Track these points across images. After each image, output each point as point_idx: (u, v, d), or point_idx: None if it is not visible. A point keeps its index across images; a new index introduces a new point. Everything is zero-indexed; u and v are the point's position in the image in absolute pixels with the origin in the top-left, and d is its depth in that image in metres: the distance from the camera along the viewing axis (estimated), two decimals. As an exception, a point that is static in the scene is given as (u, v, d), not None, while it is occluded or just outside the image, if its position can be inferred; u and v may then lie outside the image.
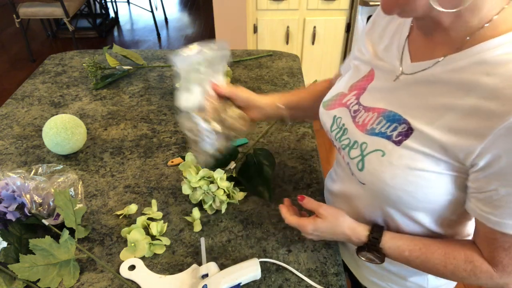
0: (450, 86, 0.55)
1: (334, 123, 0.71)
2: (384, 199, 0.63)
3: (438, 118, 0.55)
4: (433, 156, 0.55)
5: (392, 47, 0.66)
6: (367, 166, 0.62)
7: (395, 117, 0.60)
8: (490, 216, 0.54)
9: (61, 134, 0.99)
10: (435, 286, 0.79)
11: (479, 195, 0.55)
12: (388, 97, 0.63)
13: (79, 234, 0.81)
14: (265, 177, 0.92)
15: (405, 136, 0.58)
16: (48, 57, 1.55)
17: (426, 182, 0.57)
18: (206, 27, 4.30)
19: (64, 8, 3.21)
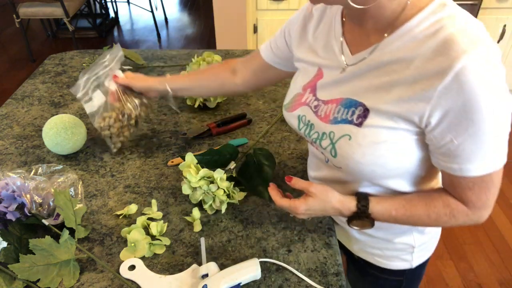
0: (390, 66, 0.62)
1: (300, 122, 0.77)
2: (361, 176, 0.70)
3: (388, 93, 0.62)
4: (392, 127, 0.62)
5: (330, 44, 0.72)
6: (339, 152, 0.68)
7: (351, 102, 0.67)
8: (453, 165, 0.61)
9: (61, 134, 0.99)
10: (421, 242, 0.84)
11: (439, 150, 0.62)
12: (340, 88, 0.70)
13: (79, 234, 0.81)
14: (265, 177, 0.92)
15: (364, 117, 0.65)
16: (48, 57, 1.55)
17: (393, 151, 0.64)
18: (206, 27, 4.30)
19: (64, 8, 3.21)
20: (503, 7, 2.47)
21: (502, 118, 0.57)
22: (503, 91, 0.56)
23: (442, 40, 0.56)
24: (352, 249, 0.92)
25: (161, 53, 1.56)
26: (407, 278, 0.90)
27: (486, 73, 0.54)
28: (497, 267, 1.86)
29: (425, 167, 0.68)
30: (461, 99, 0.55)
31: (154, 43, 4.05)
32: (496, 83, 0.55)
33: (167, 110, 1.22)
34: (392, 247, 0.85)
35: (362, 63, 0.66)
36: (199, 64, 1.19)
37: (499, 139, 0.59)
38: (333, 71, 0.71)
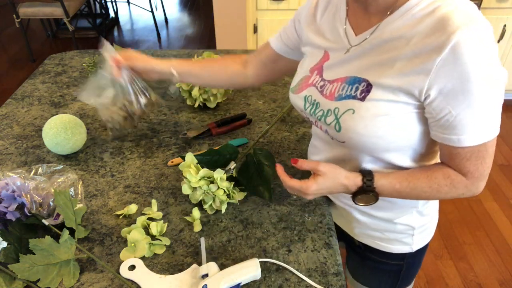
0: (392, 43, 0.66)
1: (306, 102, 0.80)
2: (363, 149, 0.73)
3: (389, 68, 0.66)
4: (393, 101, 0.66)
5: (336, 27, 0.76)
6: (343, 125, 0.72)
7: (356, 79, 0.71)
8: (451, 136, 0.65)
9: (61, 134, 0.99)
10: (421, 224, 0.87)
11: (438, 122, 0.65)
12: (345, 67, 0.74)
13: (79, 234, 0.81)
14: (265, 177, 0.92)
15: (367, 92, 0.69)
16: (48, 57, 1.55)
17: (393, 124, 0.68)
18: (206, 27, 4.30)
19: (64, 8, 3.21)
20: (503, 7, 2.47)
21: (495, 90, 0.62)
22: (495, 64, 0.61)
23: (439, 17, 0.60)
24: (353, 233, 0.93)
25: (161, 53, 1.56)
26: (407, 263, 0.93)
27: (480, 47, 0.58)
28: (497, 267, 1.86)
29: (424, 143, 0.72)
30: (458, 70, 0.59)
31: (154, 43, 4.05)
32: (489, 56, 0.59)
33: (167, 110, 1.23)
34: (392, 229, 0.86)
35: (365, 42, 0.70)
36: (199, 64, 1.19)
37: (493, 110, 0.63)
38: (338, 52, 0.75)
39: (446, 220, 2.09)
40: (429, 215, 0.88)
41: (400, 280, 0.96)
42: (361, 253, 0.96)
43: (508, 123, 2.75)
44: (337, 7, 0.77)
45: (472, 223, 2.08)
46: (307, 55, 0.84)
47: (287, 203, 0.90)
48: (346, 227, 0.95)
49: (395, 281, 0.97)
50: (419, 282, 1.80)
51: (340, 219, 0.95)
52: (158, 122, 1.18)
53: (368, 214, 0.86)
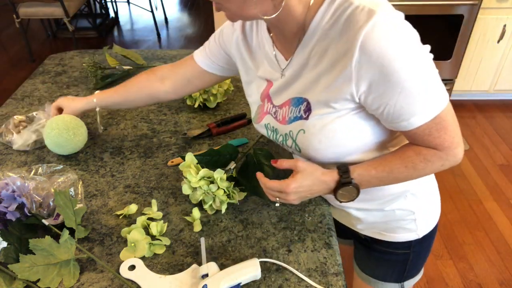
0: (313, 59, 0.69)
1: (267, 130, 0.84)
2: (327, 159, 0.75)
3: (317, 84, 0.69)
4: (333, 111, 0.69)
5: (268, 54, 0.79)
6: (301, 146, 0.76)
7: (298, 100, 0.74)
8: (401, 123, 0.66)
9: (63, 134, 0.99)
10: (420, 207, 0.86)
11: (382, 116, 0.67)
12: (287, 90, 0.77)
13: (79, 234, 0.81)
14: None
15: (309, 110, 0.72)
16: (48, 57, 1.55)
17: (342, 129, 0.70)
18: (206, 27, 4.30)
19: (64, 8, 3.21)
20: (503, 7, 2.47)
21: (423, 67, 0.62)
22: (409, 42, 0.61)
23: (343, 23, 0.63)
24: (357, 229, 0.93)
25: (161, 53, 1.56)
26: (414, 251, 0.92)
27: (386, 35, 0.59)
28: (497, 267, 1.86)
29: (381, 132, 0.73)
30: (375, 66, 0.61)
31: (154, 43, 4.05)
32: (399, 39, 0.60)
33: (167, 110, 1.23)
34: (392, 216, 0.86)
35: (294, 65, 0.73)
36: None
37: (429, 84, 0.63)
38: (277, 78, 0.78)
39: (446, 220, 2.09)
40: (427, 196, 0.88)
41: (407, 269, 0.96)
42: (368, 245, 0.96)
43: (508, 123, 2.75)
44: (262, 36, 0.80)
45: (472, 223, 2.08)
46: (253, 84, 0.86)
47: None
48: (349, 224, 0.95)
49: (402, 271, 0.96)
50: (419, 282, 1.80)
51: (341, 218, 0.95)
52: (158, 122, 1.18)
53: (362, 209, 0.87)
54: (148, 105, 1.19)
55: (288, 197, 0.75)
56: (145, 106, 1.21)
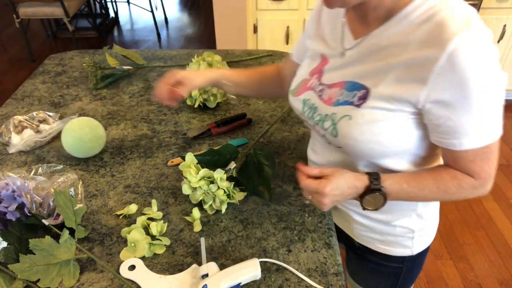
0: (388, 49, 0.66)
1: (305, 106, 0.80)
2: (361, 154, 0.73)
3: (385, 76, 0.66)
4: (389, 108, 0.66)
5: (336, 31, 0.77)
6: (340, 131, 0.72)
7: (354, 85, 0.70)
8: (453, 141, 0.65)
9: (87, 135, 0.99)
10: (421, 227, 0.86)
11: (438, 128, 0.65)
12: (342, 72, 0.74)
13: (79, 234, 0.81)
14: (265, 177, 0.92)
15: (364, 99, 0.68)
16: (48, 57, 1.55)
17: (390, 130, 0.67)
18: (206, 27, 4.30)
19: (64, 8, 3.21)
20: (503, 7, 2.47)
21: (495, 94, 0.61)
22: (494, 69, 0.60)
23: (435, 24, 0.60)
24: (353, 234, 0.93)
25: (161, 53, 1.56)
26: (407, 266, 0.92)
27: (477, 53, 0.58)
28: (497, 267, 1.86)
29: (424, 146, 0.72)
30: (456, 78, 0.59)
31: (154, 43, 4.05)
32: (487, 61, 0.59)
33: (167, 110, 1.23)
34: (392, 232, 0.86)
35: (362, 47, 0.70)
36: (199, 64, 1.19)
37: (494, 113, 0.63)
38: (336, 56, 0.76)
39: (446, 220, 2.09)
40: (429, 218, 0.87)
41: (400, 283, 0.96)
42: (361, 254, 0.96)
43: (508, 123, 2.75)
44: (339, 10, 0.77)
45: (472, 223, 2.08)
46: (307, 58, 0.85)
47: (287, 203, 0.90)
48: (346, 229, 0.95)
49: (395, 284, 0.96)
50: (419, 282, 1.80)
51: (340, 220, 0.95)
52: (158, 122, 1.18)
53: (367, 216, 0.86)
54: (269, 97, 1.16)
55: (323, 198, 0.71)
56: (264, 96, 1.19)
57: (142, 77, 1.40)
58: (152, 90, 1.32)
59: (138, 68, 1.43)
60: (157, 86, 0.89)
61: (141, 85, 1.35)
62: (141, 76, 1.41)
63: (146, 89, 1.33)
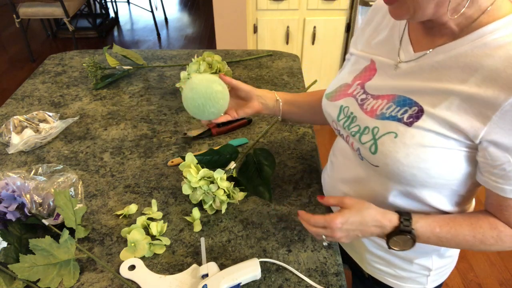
0: (453, 71, 0.59)
1: (341, 113, 0.73)
2: (399, 178, 0.65)
3: (444, 99, 0.59)
4: (443, 134, 0.59)
5: (392, 39, 0.70)
6: (381, 148, 0.64)
7: (406, 101, 0.63)
8: (505, 186, 0.58)
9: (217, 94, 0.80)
10: (439, 266, 0.82)
11: (492, 169, 0.58)
12: (393, 84, 0.66)
13: (79, 234, 0.81)
14: (265, 177, 0.92)
15: (416, 118, 0.61)
16: (48, 57, 1.55)
17: (439, 158, 0.60)
18: (206, 27, 4.30)
19: (64, 8, 3.21)
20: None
21: None
22: None
23: None
24: (363, 264, 0.88)
25: (161, 53, 1.56)
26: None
27: None
28: (497, 267, 1.86)
29: (467, 184, 0.65)
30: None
31: (154, 43, 4.05)
32: None
33: (167, 110, 1.23)
34: (408, 268, 0.82)
35: (422, 62, 0.63)
36: (199, 64, 1.19)
37: None
38: (387, 66, 0.69)
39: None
40: (449, 258, 0.82)
41: None
42: (369, 285, 0.90)
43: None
44: None
45: (472, 223, 2.08)
46: (350, 61, 0.78)
47: (287, 203, 0.90)
48: (357, 258, 0.90)
49: None
50: (419, 282, 1.80)
51: (349, 246, 0.90)
52: (158, 122, 1.18)
53: (384, 248, 0.79)
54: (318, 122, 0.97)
55: (334, 233, 0.66)
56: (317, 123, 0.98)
57: (142, 77, 1.40)
58: (152, 90, 1.32)
59: (138, 68, 1.43)
60: None
61: (141, 85, 1.35)
62: (141, 76, 1.41)
63: (146, 89, 1.33)
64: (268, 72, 1.42)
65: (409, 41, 0.67)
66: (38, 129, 1.10)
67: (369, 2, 2.19)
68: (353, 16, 2.33)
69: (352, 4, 2.31)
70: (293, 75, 1.40)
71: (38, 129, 1.10)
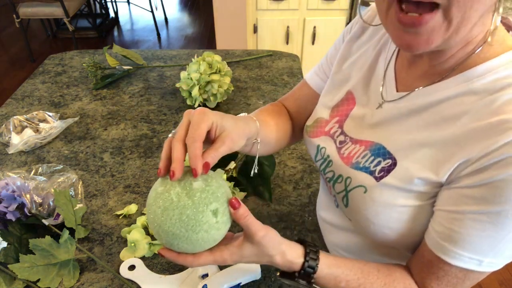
0: (434, 118, 0.52)
1: (318, 153, 0.67)
2: (371, 236, 0.59)
3: (418, 151, 0.52)
4: (414, 191, 0.52)
5: (376, 68, 0.62)
6: (351, 203, 0.59)
7: (380, 151, 0.57)
8: (436, 236, 0.51)
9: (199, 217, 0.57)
10: None
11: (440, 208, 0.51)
12: (373, 128, 0.60)
13: (79, 234, 0.81)
14: (265, 177, 0.92)
15: (387, 172, 0.55)
16: (48, 57, 1.55)
17: (410, 217, 0.54)
18: (206, 27, 4.30)
19: (64, 8, 3.21)
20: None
21: None
22: None
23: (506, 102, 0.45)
24: None
25: (161, 53, 1.56)
26: None
27: None
28: (497, 267, 1.86)
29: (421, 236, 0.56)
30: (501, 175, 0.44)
31: (154, 43, 4.05)
32: None
33: (167, 110, 1.23)
34: None
35: (403, 104, 0.56)
36: (199, 64, 1.19)
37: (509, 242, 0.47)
38: (368, 103, 0.61)
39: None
40: None
41: None
42: None
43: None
44: (387, 44, 0.62)
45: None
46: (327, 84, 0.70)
47: (287, 203, 0.90)
48: None
49: None
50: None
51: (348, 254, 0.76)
52: (158, 122, 1.18)
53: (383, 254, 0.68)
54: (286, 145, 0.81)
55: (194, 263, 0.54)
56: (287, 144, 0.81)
57: (142, 77, 1.40)
58: (152, 90, 1.32)
59: (138, 68, 1.43)
60: (167, 147, 0.51)
61: (141, 85, 1.35)
62: (141, 76, 1.41)
63: (146, 89, 1.33)
64: (268, 72, 1.42)
65: (394, 77, 0.59)
66: (38, 129, 1.10)
67: (369, 2, 2.19)
68: (353, 16, 2.33)
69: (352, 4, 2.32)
70: (293, 75, 1.40)
71: (38, 129, 1.10)
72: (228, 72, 1.25)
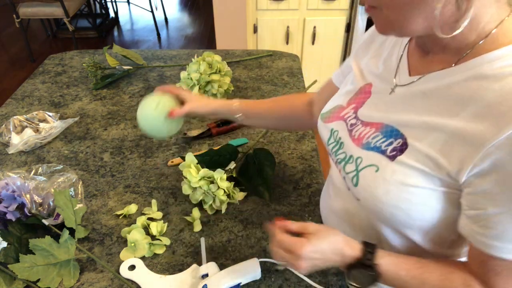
0: (443, 102, 0.54)
1: (331, 137, 0.70)
2: (378, 216, 0.61)
3: (430, 135, 0.54)
4: (426, 172, 0.54)
5: (391, 58, 0.65)
6: (361, 182, 0.60)
7: (392, 132, 0.58)
8: (477, 236, 0.52)
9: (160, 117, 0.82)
10: None
11: (469, 212, 0.52)
12: (385, 111, 0.62)
13: (79, 234, 0.81)
14: (265, 177, 0.92)
15: (400, 152, 0.56)
16: (48, 57, 1.55)
17: (420, 199, 0.55)
18: (206, 27, 4.30)
19: (64, 8, 3.21)
20: (503, 7, 2.47)
21: None
22: None
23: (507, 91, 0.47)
24: None
25: (161, 53, 1.56)
26: None
27: None
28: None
29: (453, 228, 0.57)
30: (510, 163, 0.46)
31: (154, 43, 4.05)
32: None
33: (167, 110, 1.22)
34: None
35: (414, 87, 0.58)
36: (199, 64, 1.19)
37: None
38: (382, 88, 0.64)
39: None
40: None
41: None
42: None
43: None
44: None
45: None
46: (348, 79, 0.74)
47: (287, 203, 0.90)
48: None
49: None
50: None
51: None
52: (158, 122, 1.17)
53: None
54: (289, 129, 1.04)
55: (298, 261, 0.58)
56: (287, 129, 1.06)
57: (142, 77, 1.40)
58: (152, 90, 1.32)
59: (138, 68, 1.43)
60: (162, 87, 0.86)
61: (141, 85, 1.35)
62: (141, 76, 1.41)
63: (146, 89, 1.33)
64: (268, 72, 1.42)
65: (407, 63, 0.62)
66: (38, 129, 1.10)
67: (369, 2, 2.19)
68: (353, 16, 2.33)
69: (352, 4, 2.31)
70: (293, 75, 1.40)
71: (38, 129, 1.10)
72: (228, 72, 1.25)
